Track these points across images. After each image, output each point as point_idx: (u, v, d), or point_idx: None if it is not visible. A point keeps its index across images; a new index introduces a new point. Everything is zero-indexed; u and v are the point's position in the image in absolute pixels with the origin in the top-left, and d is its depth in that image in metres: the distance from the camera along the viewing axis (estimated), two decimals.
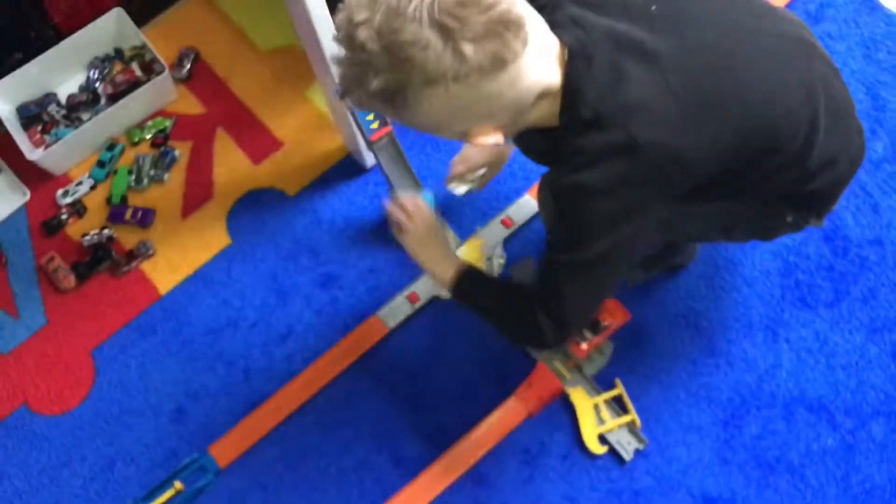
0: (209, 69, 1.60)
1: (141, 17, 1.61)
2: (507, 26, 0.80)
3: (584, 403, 1.28)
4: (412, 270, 1.38)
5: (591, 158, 0.88)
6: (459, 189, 1.35)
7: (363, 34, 0.79)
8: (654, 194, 0.90)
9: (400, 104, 0.83)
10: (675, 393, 1.29)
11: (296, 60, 1.58)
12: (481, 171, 1.30)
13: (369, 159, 1.46)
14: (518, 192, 1.43)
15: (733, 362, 1.30)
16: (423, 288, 1.37)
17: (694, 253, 1.33)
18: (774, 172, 0.98)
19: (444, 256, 1.14)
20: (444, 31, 0.78)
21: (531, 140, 1.02)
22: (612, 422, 1.26)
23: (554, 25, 0.88)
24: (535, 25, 0.85)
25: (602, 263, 0.95)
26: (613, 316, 1.24)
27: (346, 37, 0.81)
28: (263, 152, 1.52)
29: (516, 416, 1.28)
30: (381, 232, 1.42)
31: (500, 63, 0.81)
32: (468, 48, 0.79)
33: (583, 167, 0.88)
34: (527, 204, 1.42)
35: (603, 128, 0.86)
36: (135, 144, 1.54)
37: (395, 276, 1.40)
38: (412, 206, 1.16)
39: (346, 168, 1.49)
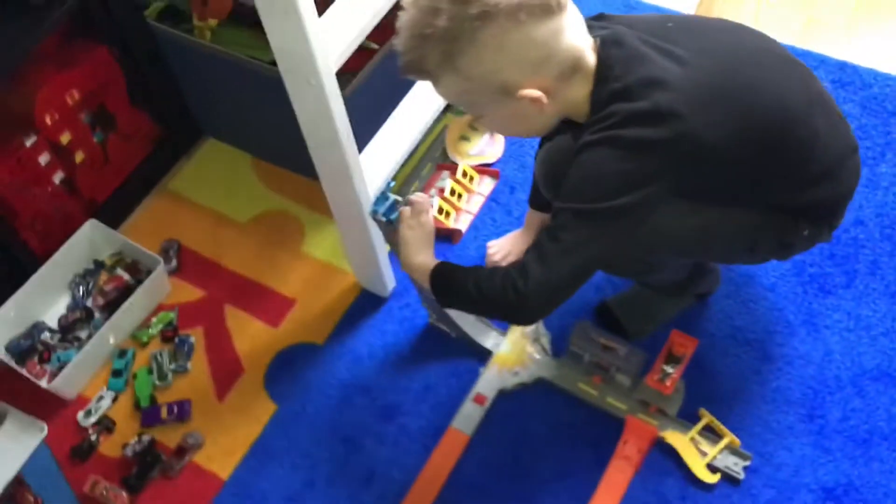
0: (195, 255, 1.60)
1: (113, 223, 1.60)
2: None
3: (682, 441, 1.30)
4: (467, 375, 1.40)
5: (622, 121, 0.98)
6: None
7: None
8: (667, 165, 0.99)
9: (461, 45, 0.94)
10: (755, 405, 1.34)
11: (279, 222, 1.62)
12: None
13: (389, 283, 1.49)
14: None
15: (791, 361, 1.38)
16: (486, 386, 1.37)
17: (718, 279, 1.43)
18: (782, 174, 1.09)
19: (427, 256, 1.15)
20: None
21: (573, 127, 1.08)
22: (714, 449, 1.29)
23: (589, 28, 1.03)
24: (574, 7, 1.00)
25: (604, 221, 0.99)
26: (684, 345, 1.30)
27: None
28: (279, 314, 1.51)
29: (624, 476, 1.28)
30: (423, 347, 1.44)
31: (547, 9, 0.95)
32: None
33: (615, 126, 0.98)
34: None
35: (631, 98, 0.98)
36: (144, 345, 1.50)
37: (453, 385, 1.40)
38: (417, 201, 1.17)
39: (366, 303, 1.51)
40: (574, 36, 0.99)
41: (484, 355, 1.41)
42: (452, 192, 1.57)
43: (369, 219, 1.30)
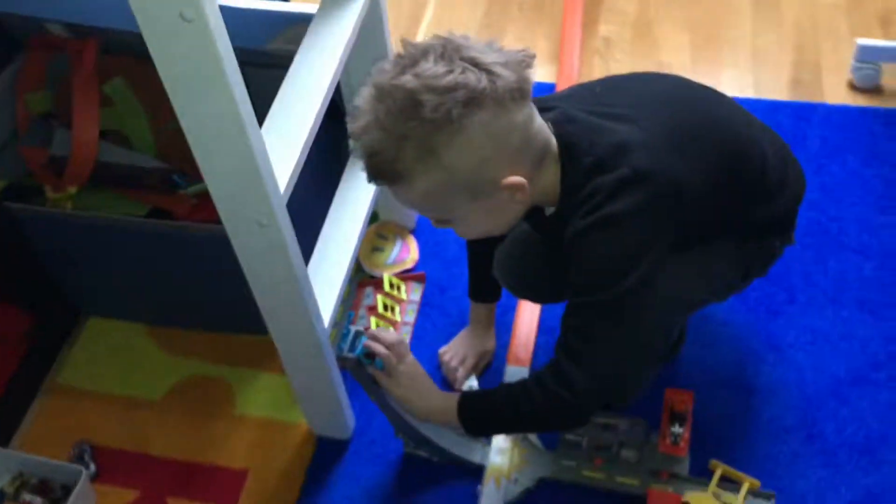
0: (114, 452, 1.37)
1: (1, 441, 1.35)
2: (526, 64, 0.91)
3: (705, 499, 1.24)
4: (466, 499, 1.27)
5: (610, 193, 0.95)
6: (464, 387, 1.34)
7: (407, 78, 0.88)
8: (664, 221, 0.98)
9: (446, 137, 0.88)
10: (756, 441, 1.32)
11: (199, 389, 1.44)
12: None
13: (350, 422, 1.34)
14: None
15: (772, 389, 1.37)
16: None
17: (685, 333, 1.41)
18: (750, 193, 1.12)
19: (439, 394, 1.12)
20: (475, 62, 0.88)
21: (538, 216, 1.06)
22: (738, 498, 1.24)
23: None
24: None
25: (635, 303, 0.97)
26: (683, 401, 1.26)
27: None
28: (233, 492, 1.32)
29: None
30: (408, 481, 1.30)
31: (523, 93, 0.91)
32: (499, 69, 0.89)
33: (604, 202, 0.95)
34: None
35: (607, 169, 0.95)
36: None
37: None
38: (395, 342, 1.11)
39: (328, 452, 1.35)
40: (539, 121, 0.96)
41: (475, 472, 1.29)
42: (385, 307, 1.47)
43: (328, 357, 1.18)
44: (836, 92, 1.82)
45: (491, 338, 1.42)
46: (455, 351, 1.41)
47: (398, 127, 0.88)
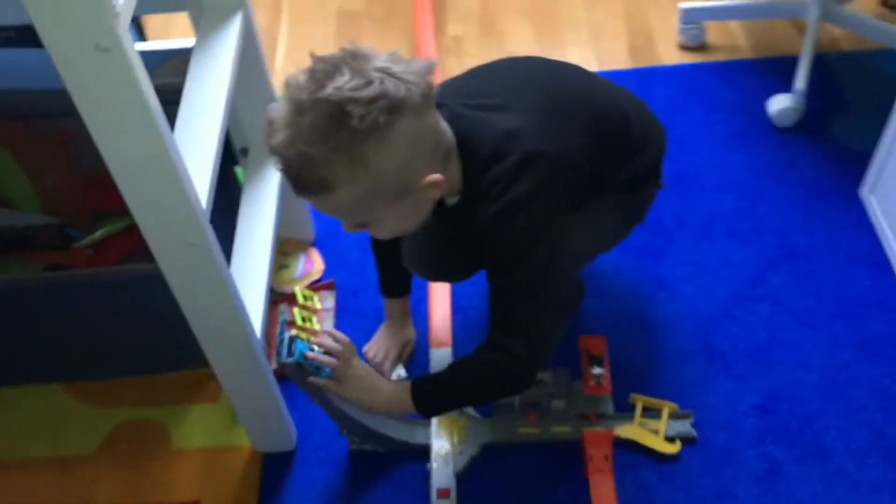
0: None
1: None
2: (430, 71, 0.97)
3: (633, 430, 1.36)
4: (419, 479, 1.34)
5: (510, 179, 1.04)
6: (393, 376, 1.40)
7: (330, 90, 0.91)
8: (561, 190, 1.09)
9: (372, 144, 0.92)
10: (665, 370, 1.44)
11: (133, 434, 1.43)
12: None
13: (292, 433, 1.38)
14: None
15: (669, 321, 1.51)
16: (442, 478, 1.31)
17: (584, 288, 1.52)
18: (625, 150, 1.24)
19: (390, 387, 1.18)
20: (388, 72, 0.93)
21: (440, 208, 1.13)
22: (661, 423, 1.36)
23: None
24: None
25: (550, 269, 1.08)
26: (597, 345, 1.37)
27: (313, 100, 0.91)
28: None
29: (608, 487, 1.30)
30: (360, 477, 1.35)
31: (431, 98, 0.98)
32: (411, 77, 0.94)
33: (507, 188, 1.04)
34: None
35: (502, 157, 1.05)
36: None
37: (410, 494, 1.33)
38: (339, 345, 1.17)
39: (276, 467, 1.37)
40: (442, 121, 1.04)
41: (422, 453, 1.36)
42: (303, 319, 1.50)
43: (265, 368, 1.21)
44: (669, 54, 2.00)
45: (409, 328, 1.50)
46: (378, 346, 1.47)
47: (325, 139, 0.91)
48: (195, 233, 0.95)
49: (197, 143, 1.02)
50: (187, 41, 1.36)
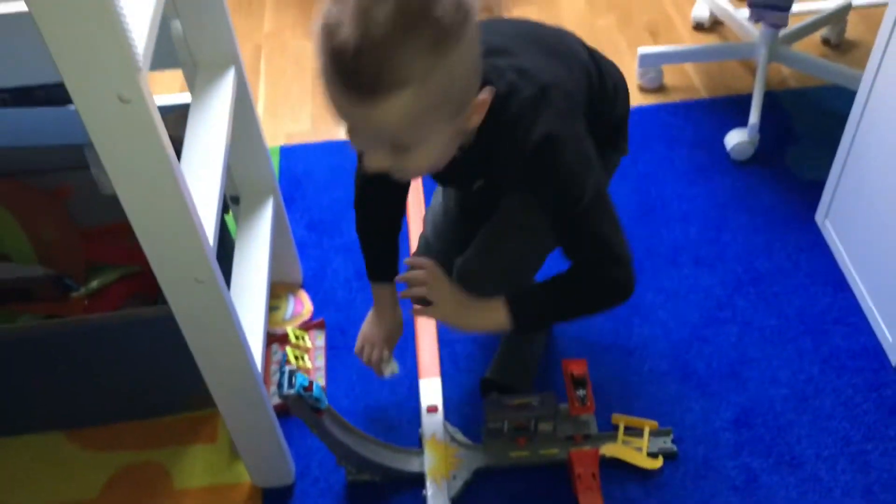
0: None
1: None
2: None
3: (617, 448, 1.43)
4: (413, 496, 1.39)
5: (535, 111, 1.06)
6: (387, 372, 1.45)
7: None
8: (581, 119, 1.13)
9: (452, 42, 0.88)
10: (643, 390, 1.52)
11: (135, 477, 1.47)
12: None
13: (291, 466, 1.42)
14: None
15: (645, 344, 1.60)
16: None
17: None
18: (598, 99, 1.24)
19: (483, 306, 1.20)
20: None
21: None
22: (643, 440, 1.44)
23: None
24: None
25: (603, 192, 1.13)
26: (579, 366, 1.43)
27: None
28: None
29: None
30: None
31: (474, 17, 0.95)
32: None
33: (535, 121, 1.05)
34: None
35: (519, 90, 1.06)
36: None
37: None
38: (427, 273, 1.21)
39: (276, 500, 1.42)
40: None
41: (417, 481, 1.41)
42: (296, 358, 1.56)
43: (266, 401, 1.27)
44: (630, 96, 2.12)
45: (398, 311, 1.44)
46: (365, 336, 1.45)
47: (408, 28, 0.85)
48: (204, 269, 1.01)
49: (202, 188, 1.09)
50: (181, 96, 1.44)
